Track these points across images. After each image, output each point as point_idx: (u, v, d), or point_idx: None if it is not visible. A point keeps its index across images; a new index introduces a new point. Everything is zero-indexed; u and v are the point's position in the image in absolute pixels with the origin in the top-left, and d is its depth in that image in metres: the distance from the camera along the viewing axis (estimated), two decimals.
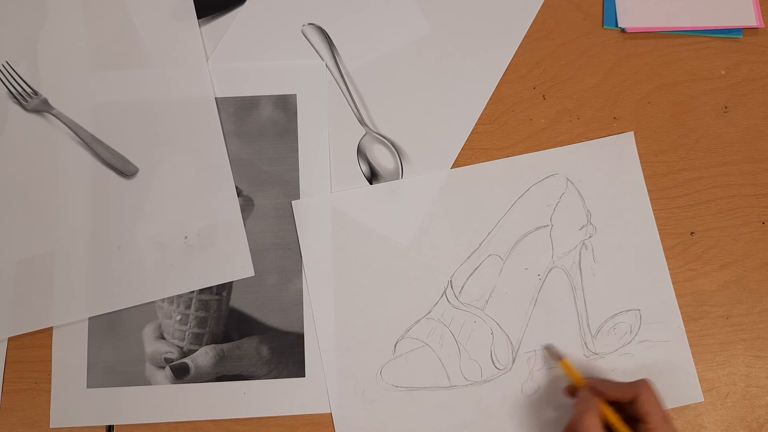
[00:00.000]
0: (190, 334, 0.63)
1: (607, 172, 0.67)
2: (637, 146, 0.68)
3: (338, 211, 0.66)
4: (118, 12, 0.70)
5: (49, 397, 0.62)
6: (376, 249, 0.65)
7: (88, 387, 0.62)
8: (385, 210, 0.66)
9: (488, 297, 0.64)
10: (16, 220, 0.65)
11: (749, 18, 0.70)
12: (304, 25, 0.70)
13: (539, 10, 0.71)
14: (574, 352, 0.63)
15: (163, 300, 0.64)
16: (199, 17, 0.70)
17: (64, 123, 0.67)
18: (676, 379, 0.62)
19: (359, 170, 0.67)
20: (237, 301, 0.64)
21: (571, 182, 0.66)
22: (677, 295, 0.65)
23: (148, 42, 0.69)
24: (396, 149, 0.68)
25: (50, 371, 0.63)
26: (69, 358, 0.63)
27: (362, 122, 0.68)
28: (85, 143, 0.67)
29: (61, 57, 0.69)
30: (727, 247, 0.66)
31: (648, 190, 0.67)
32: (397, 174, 0.67)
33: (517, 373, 0.63)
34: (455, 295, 0.64)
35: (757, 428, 0.62)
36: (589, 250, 0.65)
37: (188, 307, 0.64)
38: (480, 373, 0.63)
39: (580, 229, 0.65)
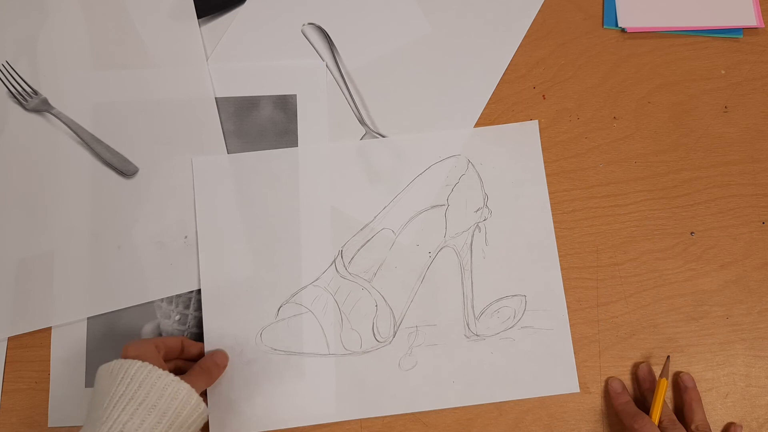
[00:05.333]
0: (189, 334, 0.63)
1: (509, 158, 0.67)
2: (637, 146, 0.68)
3: (238, 172, 0.66)
4: (118, 12, 0.70)
5: (48, 397, 0.62)
6: (269, 213, 0.65)
7: (86, 386, 0.62)
8: (285, 175, 0.66)
9: (377, 270, 0.64)
10: (16, 220, 0.65)
11: (749, 18, 0.70)
12: (304, 25, 0.70)
13: (539, 10, 0.71)
14: (456, 332, 0.63)
15: (162, 300, 0.64)
16: (198, 17, 0.70)
17: (64, 122, 0.67)
18: (554, 367, 0.63)
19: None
20: None
21: (471, 164, 0.67)
22: (677, 295, 0.65)
23: (148, 42, 0.69)
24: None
25: (50, 371, 0.63)
26: (67, 357, 0.63)
27: (362, 122, 0.68)
28: (85, 143, 0.67)
29: (61, 57, 0.69)
30: (727, 246, 0.66)
31: (648, 190, 0.67)
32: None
33: (397, 348, 0.63)
34: (344, 265, 0.64)
35: (757, 428, 0.62)
36: (483, 232, 0.65)
37: (187, 306, 0.64)
38: (360, 343, 0.63)
39: (476, 211, 0.65)
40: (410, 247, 0.65)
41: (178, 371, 0.57)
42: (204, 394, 0.60)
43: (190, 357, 0.61)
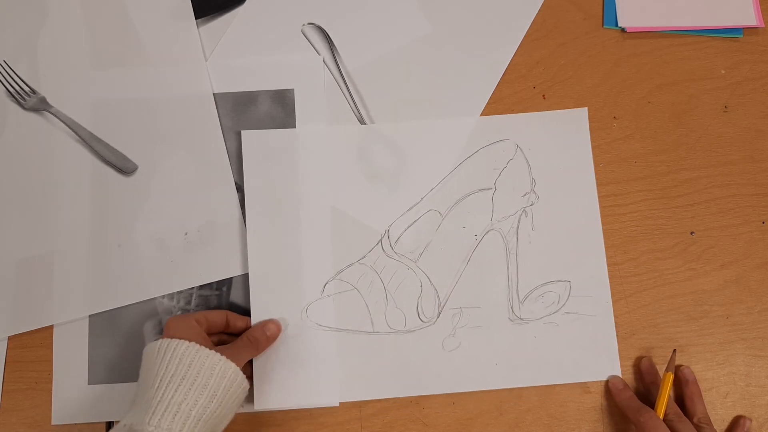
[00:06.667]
0: None
1: (557, 143, 0.67)
2: (637, 146, 0.68)
3: (286, 148, 0.66)
4: (117, 11, 0.70)
5: (50, 396, 0.62)
6: (317, 190, 0.66)
7: (89, 383, 0.62)
8: (321, 155, 0.67)
9: (422, 250, 0.64)
10: (16, 219, 0.65)
11: (749, 18, 0.70)
12: (304, 25, 0.70)
13: (539, 10, 0.71)
14: (500, 315, 0.63)
15: (163, 296, 0.64)
16: (198, 17, 0.70)
17: (62, 121, 0.67)
18: (597, 353, 0.63)
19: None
20: (237, 297, 0.64)
21: (520, 149, 0.67)
22: (677, 295, 0.65)
23: (146, 40, 0.69)
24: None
25: (51, 371, 0.63)
26: (70, 354, 0.63)
27: (362, 121, 0.68)
28: (84, 141, 0.67)
29: (60, 55, 0.69)
30: (726, 246, 0.66)
31: (648, 190, 0.67)
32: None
33: (441, 328, 0.63)
34: (390, 245, 0.64)
35: (757, 428, 0.62)
36: (529, 217, 0.65)
37: (188, 303, 0.64)
38: (404, 323, 0.63)
39: (523, 195, 0.66)
40: (456, 229, 0.65)
41: (222, 345, 0.58)
42: (249, 365, 0.61)
43: (236, 331, 0.61)
